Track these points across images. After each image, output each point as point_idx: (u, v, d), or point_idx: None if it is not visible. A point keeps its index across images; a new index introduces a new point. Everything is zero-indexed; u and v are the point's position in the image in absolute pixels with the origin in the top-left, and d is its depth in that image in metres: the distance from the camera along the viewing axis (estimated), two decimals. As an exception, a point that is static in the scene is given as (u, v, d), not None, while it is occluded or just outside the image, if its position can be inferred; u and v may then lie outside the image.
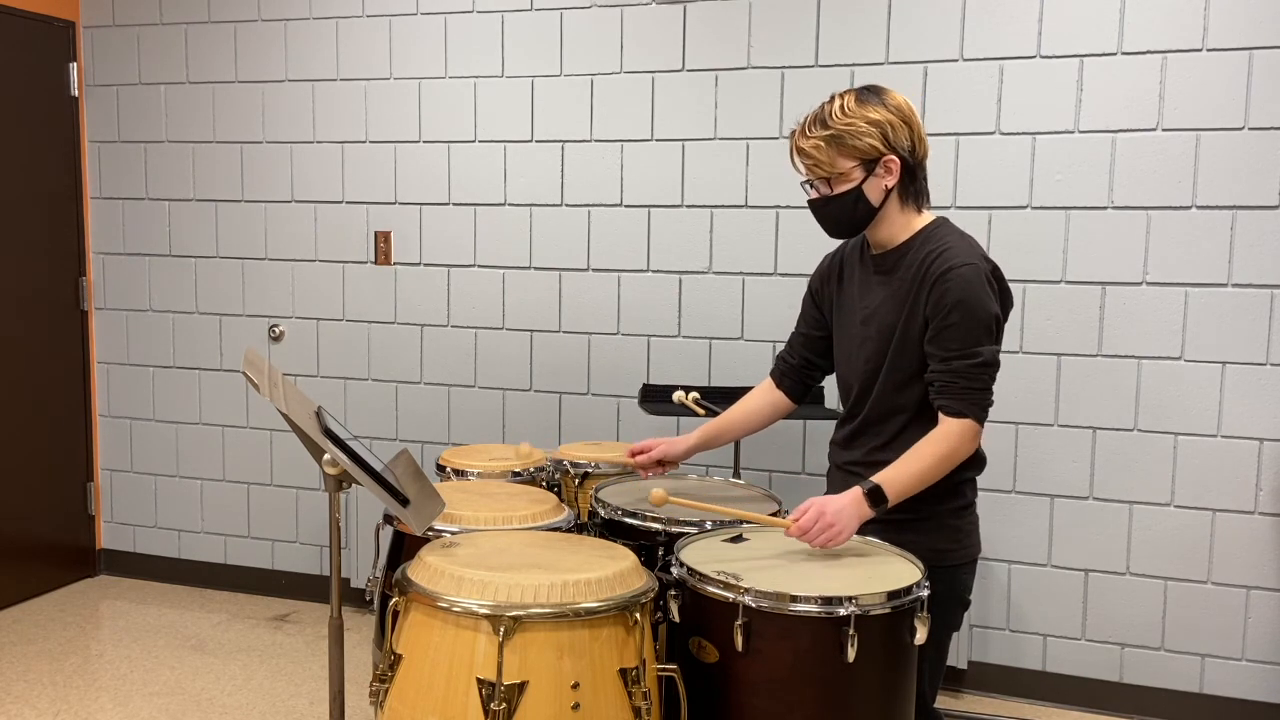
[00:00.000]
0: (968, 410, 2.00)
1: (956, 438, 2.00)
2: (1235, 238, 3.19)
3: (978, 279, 2.00)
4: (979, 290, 1.99)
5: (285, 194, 4.16)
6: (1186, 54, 3.19)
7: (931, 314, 2.02)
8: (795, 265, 3.59)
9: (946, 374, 2.01)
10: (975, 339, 1.99)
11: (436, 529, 2.14)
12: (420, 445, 4.07)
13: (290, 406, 1.86)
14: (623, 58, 3.71)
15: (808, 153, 2.08)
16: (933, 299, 2.01)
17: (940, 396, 2.02)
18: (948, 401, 2.01)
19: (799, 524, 1.98)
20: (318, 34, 4.05)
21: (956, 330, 1.99)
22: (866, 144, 2.03)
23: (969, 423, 2.00)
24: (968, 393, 2.00)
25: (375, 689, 1.83)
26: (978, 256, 2.03)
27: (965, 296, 1.99)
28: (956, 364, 2.00)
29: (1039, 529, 3.43)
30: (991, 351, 2.01)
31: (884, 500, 1.99)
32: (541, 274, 3.87)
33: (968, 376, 1.99)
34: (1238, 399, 3.23)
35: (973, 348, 1.99)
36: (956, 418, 2.00)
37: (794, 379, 2.39)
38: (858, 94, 2.07)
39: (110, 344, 4.46)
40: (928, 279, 2.03)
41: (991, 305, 2.01)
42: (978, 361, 1.99)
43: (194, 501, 4.42)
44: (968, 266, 2.00)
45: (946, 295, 1.99)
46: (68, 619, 4.06)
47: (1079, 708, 3.44)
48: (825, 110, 2.07)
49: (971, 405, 2.00)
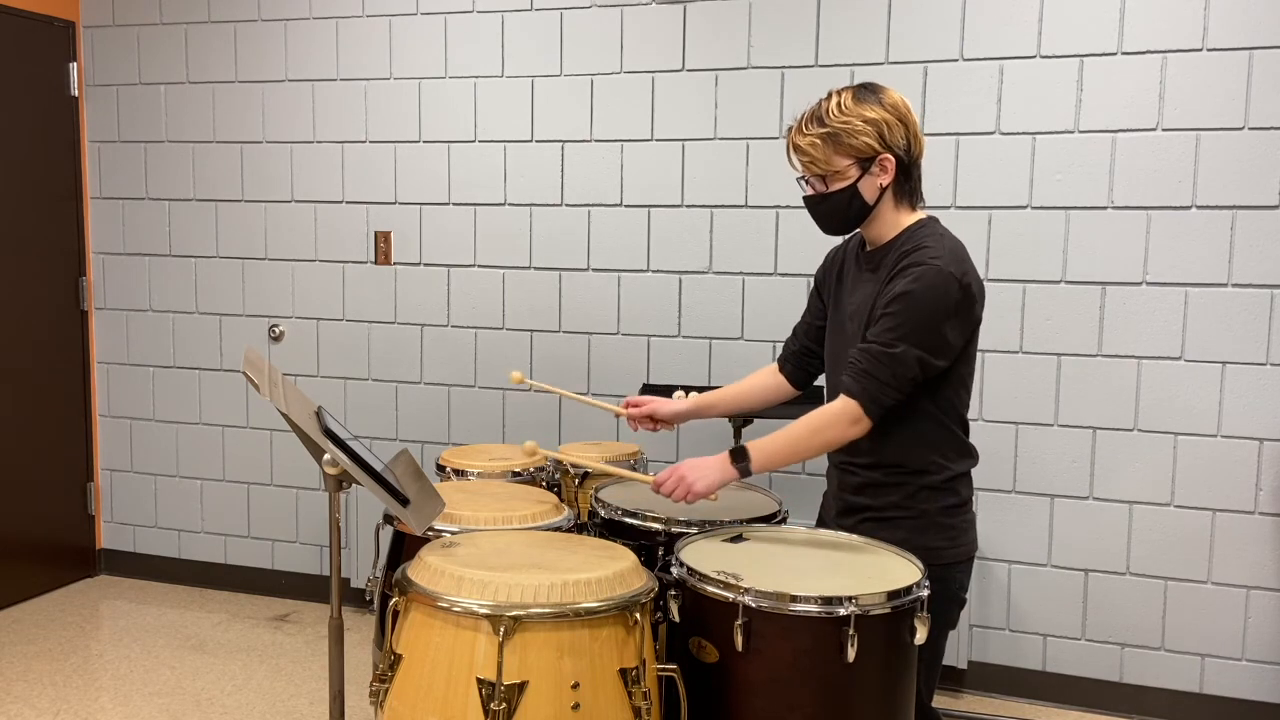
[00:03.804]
0: (855, 392, 1.97)
1: (832, 415, 1.99)
2: (1235, 238, 3.19)
3: (937, 280, 1.95)
4: (931, 291, 1.95)
5: (285, 194, 4.16)
6: (1186, 54, 3.19)
7: (879, 302, 2.02)
8: (795, 265, 3.59)
9: (857, 352, 2.00)
10: (902, 334, 1.95)
11: (436, 529, 2.14)
12: (420, 445, 4.07)
13: (290, 406, 1.86)
14: (623, 58, 3.71)
15: (804, 150, 2.07)
16: (887, 290, 2.01)
17: (844, 371, 2.02)
18: (844, 378, 2.01)
19: (658, 478, 2.09)
20: (318, 34, 4.05)
21: (890, 319, 1.97)
22: (862, 142, 2.02)
23: (851, 404, 1.97)
24: (864, 376, 1.97)
25: (375, 689, 1.83)
26: (950, 260, 1.98)
27: (914, 291, 1.95)
28: (872, 346, 1.98)
29: (1039, 529, 3.43)
30: (913, 352, 1.95)
31: (746, 458, 2.03)
32: (541, 274, 3.87)
33: (874, 360, 1.97)
34: (1238, 399, 3.23)
35: (896, 340, 1.95)
36: (845, 395, 1.99)
37: (794, 364, 2.40)
38: (854, 92, 2.05)
39: (110, 344, 4.46)
40: (893, 274, 2.02)
41: (941, 310, 1.95)
42: (892, 352, 1.95)
43: (194, 501, 4.42)
44: (931, 266, 1.96)
45: (897, 285, 1.98)
46: (68, 619, 4.06)
47: (1079, 708, 3.44)
48: (822, 108, 2.06)
49: (862, 389, 1.97)
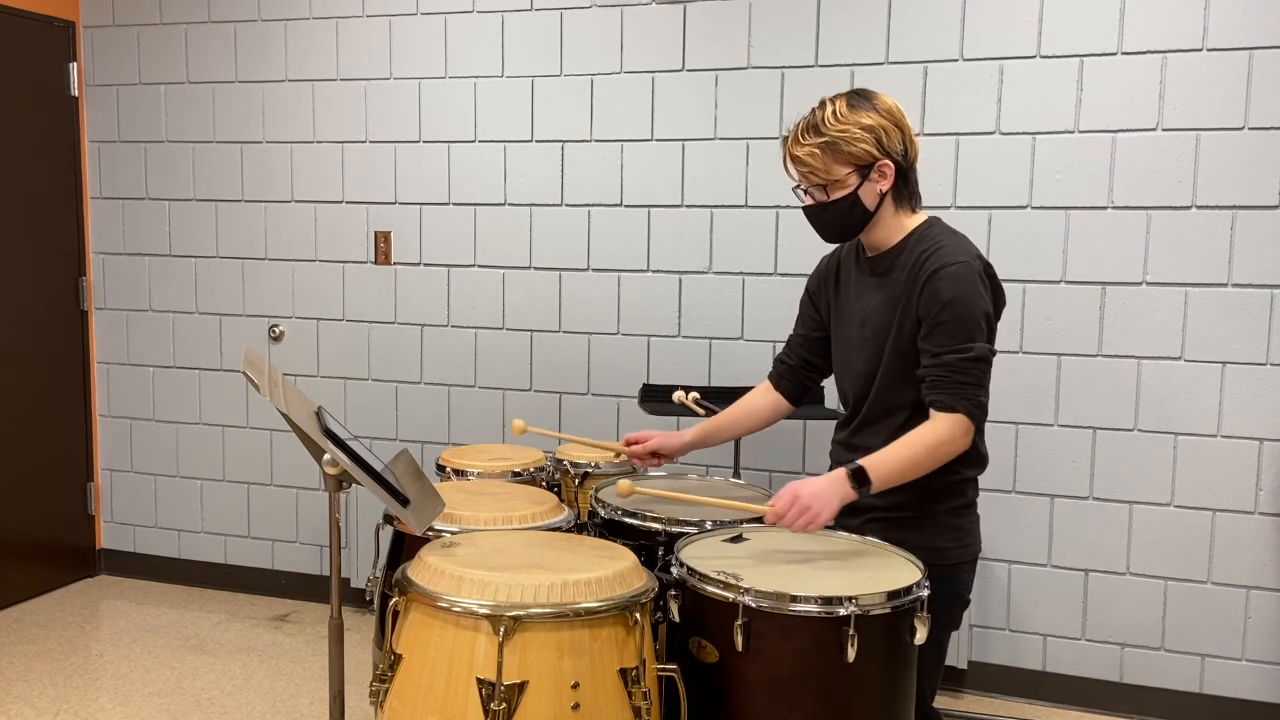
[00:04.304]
0: (958, 404, 1.98)
1: (946, 430, 1.98)
2: (1235, 238, 3.19)
3: (969, 276, 2.00)
4: (970, 287, 1.99)
5: (285, 194, 4.16)
6: (1186, 54, 3.19)
7: (924, 312, 2.02)
8: (795, 265, 3.59)
9: (938, 368, 2.00)
10: (968, 334, 1.99)
11: (436, 529, 2.14)
12: (420, 445, 4.07)
13: (290, 406, 1.86)
14: (623, 58, 3.71)
15: (802, 160, 2.07)
16: (925, 297, 2.01)
17: (932, 391, 2.01)
18: (939, 396, 2.00)
19: (775, 508, 1.96)
20: (318, 34, 4.05)
21: (948, 327, 1.99)
22: (861, 150, 2.03)
23: (960, 417, 1.98)
24: (959, 387, 1.99)
25: (375, 689, 1.83)
26: (970, 254, 2.03)
27: (957, 293, 1.98)
28: (948, 358, 1.99)
29: (1039, 529, 3.43)
30: (983, 348, 2.00)
31: (867, 482, 1.96)
32: (541, 274, 3.87)
33: (960, 370, 1.98)
34: (1238, 399, 3.23)
35: (965, 343, 1.98)
36: (947, 412, 1.98)
37: (792, 380, 2.39)
38: (848, 99, 2.06)
39: (110, 344, 4.46)
40: (920, 277, 2.03)
41: (983, 303, 2.01)
42: (970, 355, 1.98)
43: (194, 501, 4.42)
44: (960, 264, 2.00)
45: (939, 293, 1.99)
46: (68, 619, 4.06)
47: (1079, 708, 3.44)
48: (817, 116, 2.06)
49: (963, 399, 1.98)
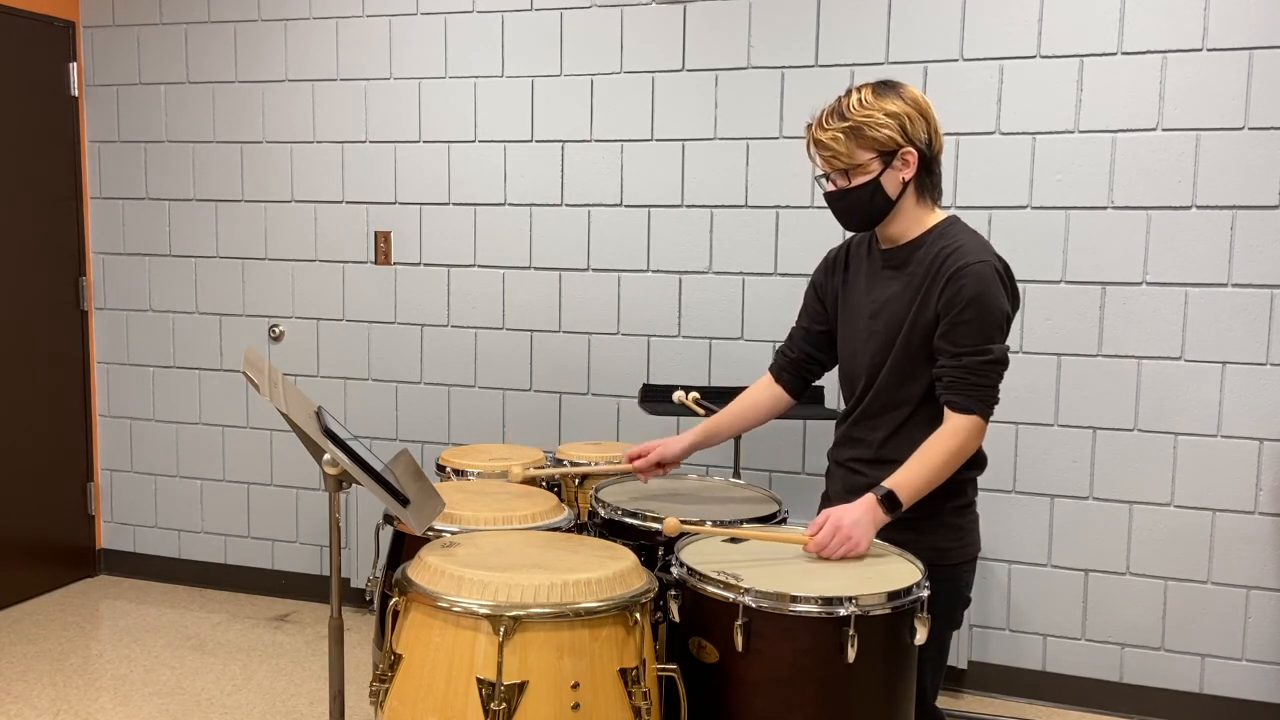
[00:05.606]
0: (975, 406, 2.00)
1: (964, 434, 2.00)
2: (1235, 238, 3.19)
3: (991, 277, 2.01)
4: (992, 288, 2.01)
5: (285, 194, 4.16)
6: (1186, 54, 3.19)
7: (944, 310, 2.02)
8: (795, 265, 3.59)
9: (957, 369, 2.01)
10: (988, 336, 2.00)
11: (436, 529, 2.14)
12: (420, 445, 4.07)
13: (290, 406, 1.86)
14: (623, 58, 3.71)
15: (826, 144, 2.08)
16: (946, 295, 2.02)
17: (948, 392, 2.02)
18: (956, 397, 2.01)
19: (816, 539, 1.98)
20: (318, 34, 4.05)
21: (970, 327, 2.00)
22: (885, 135, 2.04)
23: (975, 419, 2.00)
24: (977, 389, 2.00)
25: (375, 689, 1.83)
26: (991, 255, 2.05)
27: (980, 293, 1.99)
28: (968, 360, 2.00)
29: (1039, 529, 3.43)
30: (1001, 350, 2.02)
31: (898, 505, 1.99)
32: (541, 274, 3.87)
33: (978, 373, 2.00)
34: (1238, 399, 3.23)
35: (985, 344, 2.00)
36: (964, 414, 2.00)
37: (793, 374, 2.39)
38: (874, 87, 2.07)
39: (110, 344, 4.46)
40: (941, 275, 2.03)
41: (1004, 303, 2.03)
42: (989, 358, 2.00)
43: (194, 501, 4.42)
44: (982, 264, 2.01)
45: (961, 292, 2.00)
46: (68, 619, 4.06)
47: (1079, 708, 3.44)
48: (842, 103, 2.08)
49: (979, 402, 2.01)
